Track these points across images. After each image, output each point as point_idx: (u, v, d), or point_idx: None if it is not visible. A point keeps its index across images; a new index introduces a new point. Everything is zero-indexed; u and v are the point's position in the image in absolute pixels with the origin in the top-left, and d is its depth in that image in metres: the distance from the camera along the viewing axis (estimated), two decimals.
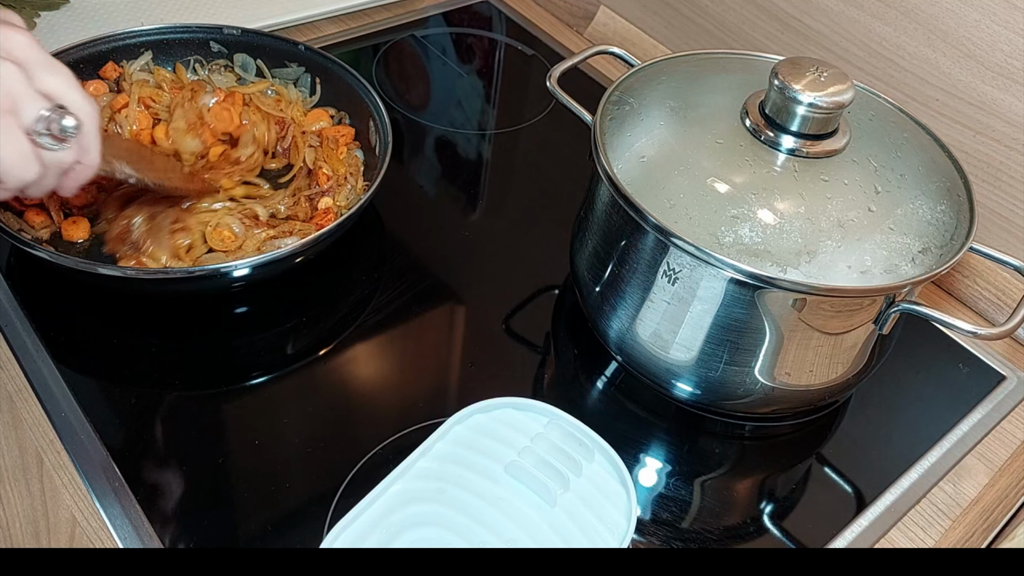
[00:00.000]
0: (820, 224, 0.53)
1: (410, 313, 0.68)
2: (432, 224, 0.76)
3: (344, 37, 0.95)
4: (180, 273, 0.61)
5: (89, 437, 0.56)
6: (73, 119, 0.49)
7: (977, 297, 0.75)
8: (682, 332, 0.57)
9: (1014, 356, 0.72)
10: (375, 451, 0.58)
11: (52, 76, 0.48)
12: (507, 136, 0.87)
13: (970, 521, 0.60)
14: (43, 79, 0.48)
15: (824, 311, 0.54)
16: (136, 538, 0.52)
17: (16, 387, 0.59)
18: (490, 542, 0.49)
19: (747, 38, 0.87)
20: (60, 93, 0.49)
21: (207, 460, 0.56)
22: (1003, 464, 0.64)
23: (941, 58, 0.73)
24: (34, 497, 0.53)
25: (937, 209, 0.56)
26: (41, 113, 0.48)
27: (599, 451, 0.54)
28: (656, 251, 0.55)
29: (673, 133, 0.58)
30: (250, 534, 0.53)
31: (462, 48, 0.98)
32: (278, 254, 0.61)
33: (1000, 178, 0.72)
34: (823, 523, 0.58)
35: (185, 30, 0.77)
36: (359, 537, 0.49)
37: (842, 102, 0.55)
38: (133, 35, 0.76)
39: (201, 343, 0.64)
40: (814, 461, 0.63)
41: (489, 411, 0.55)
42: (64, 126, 0.48)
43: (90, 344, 0.62)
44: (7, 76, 0.46)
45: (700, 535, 0.57)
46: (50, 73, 0.48)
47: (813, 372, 0.58)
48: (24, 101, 0.47)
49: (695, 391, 0.61)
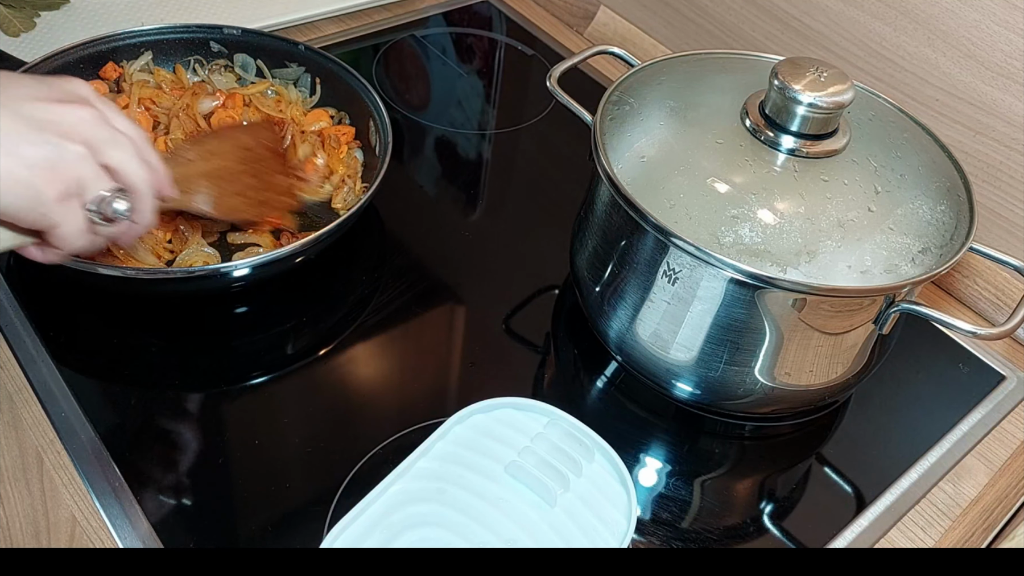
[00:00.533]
0: (820, 224, 0.53)
1: (410, 313, 0.68)
2: (432, 224, 0.76)
3: (344, 37, 0.95)
4: (180, 273, 0.61)
5: (89, 437, 0.56)
6: (125, 203, 0.50)
7: (977, 297, 0.75)
8: (682, 332, 0.57)
9: (1014, 356, 0.72)
10: (375, 451, 0.58)
11: (115, 151, 0.49)
12: (507, 136, 0.87)
13: (970, 521, 0.60)
14: (107, 154, 0.49)
15: (824, 311, 0.54)
16: (136, 538, 0.52)
17: (16, 387, 0.59)
18: (490, 542, 0.49)
19: (747, 38, 0.87)
20: (120, 167, 0.49)
21: (207, 460, 0.56)
22: (1003, 464, 0.64)
23: (941, 58, 0.73)
24: (34, 497, 0.53)
25: (937, 209, 0.56)
26: (99, 194, 0.49)
27: (599, 451, 0.54)
28: (656, 251, 0.55)
29: (673, 133, 0.58)
30: (250, 534, 0.53)
31: (462, 48, 0.98)
32: (278, 254, 0.61)
33: (1000, 178, 0.72)
34: (823, 523, 0.58)
35: (185, 30, 0.77)
36: (359, 537, 0.49)
37: (842, 102, 0.55)
38: (133, 35, 0.76)
39: (201, 343, 0.64)
40: (814, 461, 0.63)
41: (489, 411, 0.55)
42: (115, 209, 0.50)
43: (90, 344, 0.62)
44: (75, 159, 0.47)
45: (700, 535, 0.57)
46: (113, 147, 0.49)
47: (813, 372, 0.58)
48: (88, 182, 0.48)
49: (695, 391, 0.61)
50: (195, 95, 0.73)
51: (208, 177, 0.62)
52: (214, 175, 0.63)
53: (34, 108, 0.46)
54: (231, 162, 0.65)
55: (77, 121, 0.47)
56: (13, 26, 0.84)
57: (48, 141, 0.46)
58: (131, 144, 0.50)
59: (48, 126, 0.46)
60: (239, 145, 0.66)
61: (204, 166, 0.62)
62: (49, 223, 0.47)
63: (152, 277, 0.60)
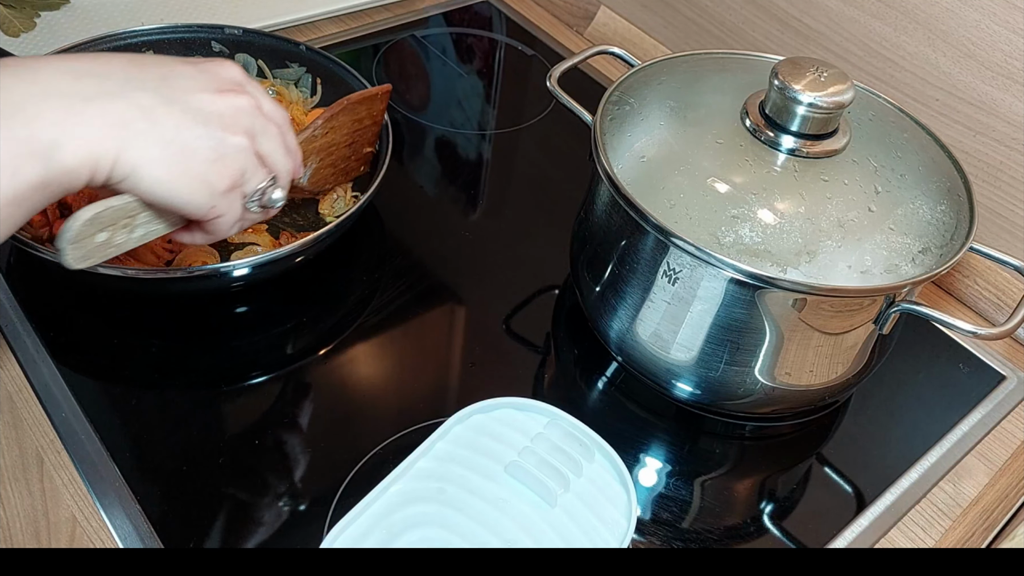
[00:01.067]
0: (820, 224, 0.53)
1: (410, 313, 0.68)
2: (432, 224, 0.76)
3: (344, 37, 0.95)
4: (180, 273, 0.60)
5: (89, 437, 0.56)
6: (281, 192, 0.51)
7: (977, 297, 0.75)
8: (682, 332, 0.57)
9: (1014, 356, 0.72)
10: (375, 451, 0.58)
11: (266, 140, 0.50)
12: (507, 136, 0.87)
13: (970, 521, 0.60)
14: (261, 144, 0.50)
15: (824, 311, 0.54)
16: (136, 538, 0.52)
17: (16, 387, 0.59)
18: (490, 542, 0.49)
19: (747, 38, 0.87)
20: (270, 156, 0.51)
21: (207, 460, 0.56)
22: (1003, 464, 0.64)
23: (941, 58, 0.73)
24: (34, 497, 0.53)
25: (937, 209, 0.56)
26: (259, 186, 0.50)
27: (599, 451, 0.54)
28: (656, 251, 0.55)
29: (673, 133, 0.58)
30: (250, 534, 0.53)
31: (462, 48, 0.98)
32: (278, 254, 0.61)
33: (1000, 178, 0.72)
34: (823, 523, 0.58)
35: (186, 30, 0.77)
36: (359, 537, 0.49)
37: (842, 102, 0.55)
38: (133, 35, 0.76)
39: (201, 343, 0.64)
40: (814, 461, 0.63)
41: (489, 411, 0.55)
42: (273, 199, 0.51)
43: (90, 344, 0.62)
44: (238, 151, 0.48)
45: (700, 535, 0.57)
46: (265, 136, 0.50)
47: (813, 372, 0.58)
48: (249, 173, 0.49)
49: (695, 391, 0.61)
50: None
51: (317, 152, 0.64)
52: (323, 148, 0.64)
53: (201, 101, 0.47)
54: (341, 135, 0.66)
55: (237, 111, 0.48)
56: (13, 26, 0.84)
57: (214, 136, 0.47)
58: (278, 131, 0.51)
59: (214, 119, 0.47)
60: (354, 117, 0.67)
61: (319, 142, 0.63)
62: (216, 213, 0.48)
63: (152, 277, 0.60)
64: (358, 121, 0.68)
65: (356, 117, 0.67)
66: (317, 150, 0.64)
